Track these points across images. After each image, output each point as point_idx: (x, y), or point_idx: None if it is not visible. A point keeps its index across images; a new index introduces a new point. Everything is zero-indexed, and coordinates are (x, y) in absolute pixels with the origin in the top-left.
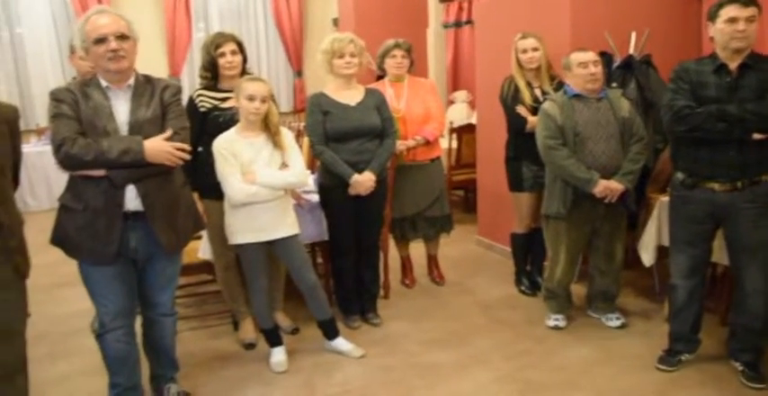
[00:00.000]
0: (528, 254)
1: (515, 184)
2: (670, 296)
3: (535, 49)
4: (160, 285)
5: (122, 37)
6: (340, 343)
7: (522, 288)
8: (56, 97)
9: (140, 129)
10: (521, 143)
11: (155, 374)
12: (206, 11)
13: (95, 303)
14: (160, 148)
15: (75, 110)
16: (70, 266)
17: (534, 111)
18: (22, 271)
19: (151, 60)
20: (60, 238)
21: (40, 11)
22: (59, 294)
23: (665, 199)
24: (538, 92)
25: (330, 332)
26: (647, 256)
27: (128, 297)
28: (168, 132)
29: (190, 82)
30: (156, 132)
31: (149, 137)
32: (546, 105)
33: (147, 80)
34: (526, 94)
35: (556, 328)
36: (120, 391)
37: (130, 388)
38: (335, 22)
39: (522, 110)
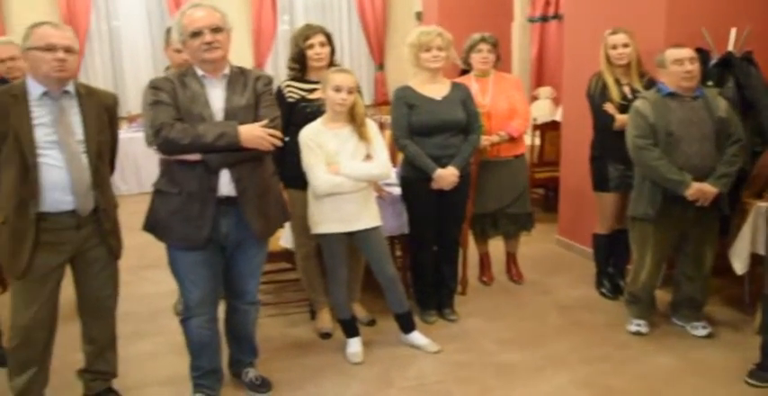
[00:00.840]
0: (610, 256)
1: (600, 183)
2: (764, 307)
3: (625, 46)
4: (249, 272)
5: (217, 29)
6: (416, 337)
7: (603, 290)
8: (155, 85)
9: (235, 115)
10: (607, 142)
11: (234, 359)
12: (291, 3)
13: (181, 288)
14: (254, 132)
15: (173, 97)
16: (156, 249)
17: (622, 108)
18: (115, 252)
19: (237, 52)
20: (152, 224)
21: (135, 5)
22: (145, 275)
23: (762, 204)
24: (626, 89)
25: (407, 326)
26: (740, 264)
27: (213, 284)
28: (264, 121)
29: (274, 73)
30: (249, 119)
31: (243, 123)
32: (638, 103)
33: (241, 71)
34: (614, 92)
35: (638, 333)
36: (202, 374)
37: (211, 371)
38: (419, 15)
39: (609, 107)
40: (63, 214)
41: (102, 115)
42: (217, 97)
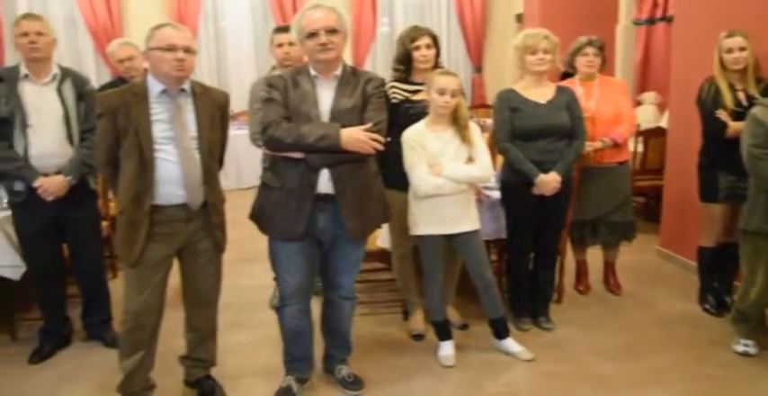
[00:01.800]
0: (716, 270)
1: (708, 193)
2: None
3: (742, 49)
4: (344, 268)
5: (332, 31)
6: (509, 344)
7: (707, 306)
8: (269, 83)
9: (341, 117)
10: (718, 150)
11: (328, 354)
12: (391, 5)
13: (278, 278)
14: (356, 136)
15: (284, 95)
16: (254, 244)
17: (735, 115)
18: (220, 245)
19: None
20: (257, 214)
21: (241, 7)
22: (243, 269)
23: None
24: (741, 95)
25: (501, 331)
26: None
27: (308, 275)
28: (368, 125)
29: None
30: (354, 121)
31: (348, 125)
32: (756, 111)
33: (353, 72)
34: (727, 98)
35: (745, 354)
36: (293, 359)
37: (302, 359)
38: (519, 17)
39: (722, 114)
40: (175, 207)
41: (214, 113)
42: (326, 98)
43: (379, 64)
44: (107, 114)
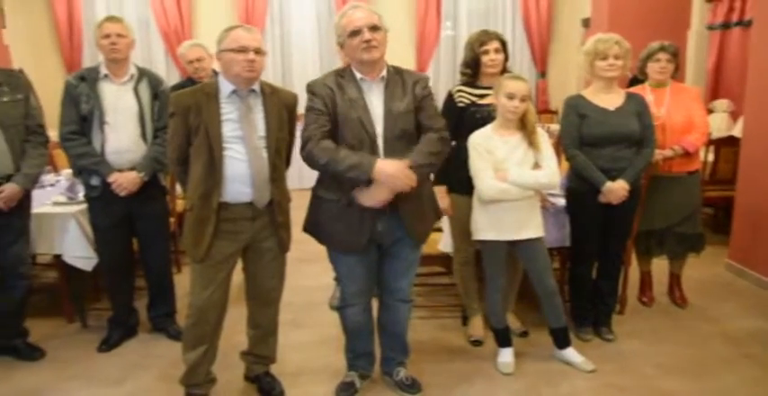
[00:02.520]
0: None
1: None
2: None
3: None
4: (401, 271)
5: (374, 28)
6: (570, 353)
7: None
8: (312, 90)
9: (395, 120)
10: None
11: (385, 357)
12: (455, 10)
13: (340, 281)
14: (391, 171)
15: (327, 104)
16: (314, 244)
17: None
18: (284, 245)
19: (401, 56)
20: (312, 227)
21: (306, 10)
22: (303, 268)
23: None
24: None
25: (561, 341)
26: None
27: (368, 281)
28: (408, 162)
29: (434, 78)
30: (408, 125)
31: (404, 128)
32: None
33: (398, 72)
34: None
35: None
36: (356, 355)
37: (364, 354)
38: (585, 22)
39: None
40: (241, 205)
41: (282, 113)
42: (376, 101)
43: (442, 68)
44: (179, 113)
